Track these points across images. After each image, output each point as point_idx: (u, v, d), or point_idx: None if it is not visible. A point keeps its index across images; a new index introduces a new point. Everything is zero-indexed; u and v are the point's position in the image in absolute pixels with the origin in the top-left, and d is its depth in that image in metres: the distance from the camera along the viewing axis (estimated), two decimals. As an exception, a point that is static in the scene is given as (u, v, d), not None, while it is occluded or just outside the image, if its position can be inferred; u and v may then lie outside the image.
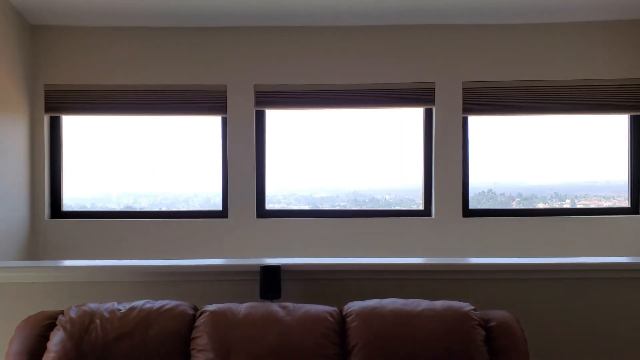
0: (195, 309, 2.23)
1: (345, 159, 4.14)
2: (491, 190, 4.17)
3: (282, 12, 3.72)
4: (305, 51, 3.94)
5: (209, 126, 4.06)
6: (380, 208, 4.17)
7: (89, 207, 4.14)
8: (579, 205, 4.12)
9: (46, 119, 3.94)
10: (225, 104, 3.94)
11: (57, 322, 2.13)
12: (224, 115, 3.95)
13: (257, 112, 3.97)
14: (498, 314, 2.19)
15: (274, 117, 4.06)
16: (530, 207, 4.13)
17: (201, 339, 2.06)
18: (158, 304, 2.20)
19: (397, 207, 4.15)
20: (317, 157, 4.16)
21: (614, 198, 4.13)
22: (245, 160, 3.95)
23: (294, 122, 4.16)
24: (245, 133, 3.95)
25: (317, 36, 3.93)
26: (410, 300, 2.20)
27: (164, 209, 4.18)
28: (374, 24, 3.91)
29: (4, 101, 3.53)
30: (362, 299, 2.25)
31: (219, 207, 4.04)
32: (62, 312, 2.18)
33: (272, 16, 3.77)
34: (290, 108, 4.02)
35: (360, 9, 3.67)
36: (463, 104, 3.93)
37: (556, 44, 3.91)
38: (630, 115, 3.99)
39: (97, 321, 2.10)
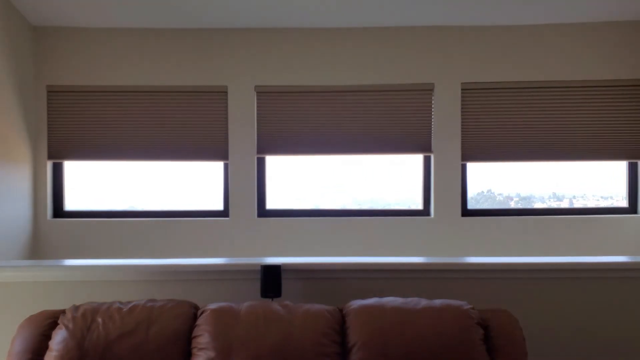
0: (196, 308, 2.24)
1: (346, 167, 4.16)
2: (489, 190, 4.19)
3: (282, 12, 3.73)
4: (306, 52, 3.96)
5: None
6: (380, 208, 4.19)
7: (90, 206, 4.15)
8: (577, 205, 4.14)
9: (46, 121, 3.96)
10: (226, 105, 3.96)
11: (59, 321, 2.14)
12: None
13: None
14: (497, 313, 2.21)
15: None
16: (529, 207, 4.14)
17: (202, 338, 2.07)
18: (159, 302, 2.21)
19: (397, 207, 4.17)
20: (319, 169, 4.18)
21: (612, 198, 4.14)
22: (246, 160, 3.96)
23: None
24: (245, 133, 3.96)
25: (317, 37, 3.95)
26: (409, 299, 2.21)
27: (164, 208, 4.18)
28: (375, 24, 3.92)
29: (5, 105, 3.54)
30: (362, 298, 2.26)
31: (220, 207, 4.05)
32: (64, 311, 2.19)
33: (271, 17, 3.79)
34: (290, 154, 4.03)
35: (362, 9, 3.70)
36: (462, 104, 3.94)
37: (557, 44, 3.93)
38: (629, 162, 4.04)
39: (99, 320, 2.11)
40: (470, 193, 4.06)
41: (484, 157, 3.97)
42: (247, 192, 3.98)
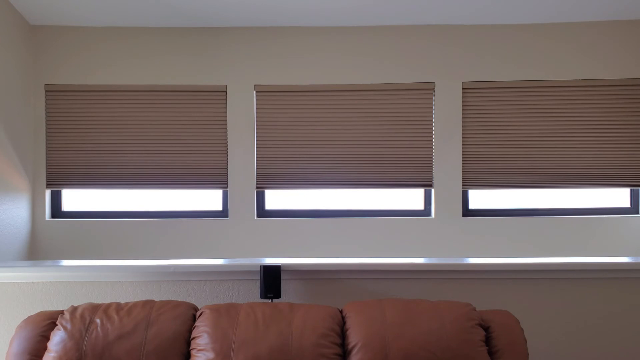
0: (195, 308, 2.23)
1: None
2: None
3: (281, 11, 3.73)
4: (305, 51, 3.95)
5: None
6: (380, 208, 4.17)
7: (89, 207, 4.13)
8: (578, 205, 4.12)
9: (45, 121, 3.95)
10: (225, 104, 3.95)
11: (58, 322, 2.13)
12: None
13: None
14: (498, 314, 2.20)
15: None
16: (530, 206, 4.12)
17: (201, 339, 2.06)
18: (158, 303, 2.20)
19: (397, 207, 4.14)
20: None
21: (613, 197, 4.12)
22: (246, 160, 3.95)
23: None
24: (246, 133, 3.95)
25: (317, 36, 3.94)
26: (410, 300, 2.21)
27: (163, 208, 4.16)
28: (375, 23, 3.92)
29: (3, 104, 3.53)
30: (362, 299, 2.26)
31: (219, 207, 4.04)
32: (62, 312, 2.18)
33: (271, 16, 3.78)
34: (289, 188, 4.02)
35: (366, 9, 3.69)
36: (463, 104, 3.94)
37: (558, 44, 3.92)
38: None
39: (98, 321, 2.10)
40: (471, 192, 4.04)
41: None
42: (246, 190, 3.97)
